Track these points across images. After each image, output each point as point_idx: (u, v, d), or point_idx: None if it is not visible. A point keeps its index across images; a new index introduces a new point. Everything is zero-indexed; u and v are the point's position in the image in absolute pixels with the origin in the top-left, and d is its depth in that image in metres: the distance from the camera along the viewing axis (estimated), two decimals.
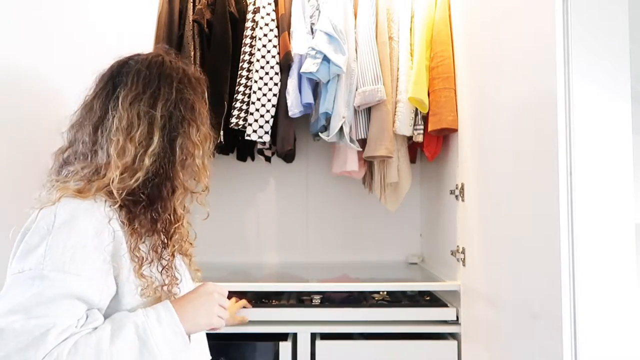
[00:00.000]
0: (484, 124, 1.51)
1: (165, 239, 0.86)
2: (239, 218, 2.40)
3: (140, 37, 1.69)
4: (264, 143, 2.03)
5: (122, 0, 1.55)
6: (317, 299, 1.74)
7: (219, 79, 1.87)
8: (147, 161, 0.82)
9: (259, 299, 1.72)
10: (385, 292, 1.83)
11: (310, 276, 2.11)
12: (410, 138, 1.93)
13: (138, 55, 0.90)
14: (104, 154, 0.82)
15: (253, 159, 2.27)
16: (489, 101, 1.47)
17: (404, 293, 1.85)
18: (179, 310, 0.82)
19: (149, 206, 0.83)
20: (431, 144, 1.89)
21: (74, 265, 0.73)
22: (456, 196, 1.74)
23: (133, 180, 0.81)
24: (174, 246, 0.90)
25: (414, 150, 2.17)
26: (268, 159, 2.21)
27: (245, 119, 1.90)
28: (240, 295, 1.65)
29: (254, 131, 1.88)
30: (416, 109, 1.87)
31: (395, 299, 1.79)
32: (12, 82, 1.06)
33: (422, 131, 1.88)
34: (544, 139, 1.11)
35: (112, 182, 0.79)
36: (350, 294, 1.78)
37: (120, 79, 0.86)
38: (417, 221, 2.39)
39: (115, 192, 0.79)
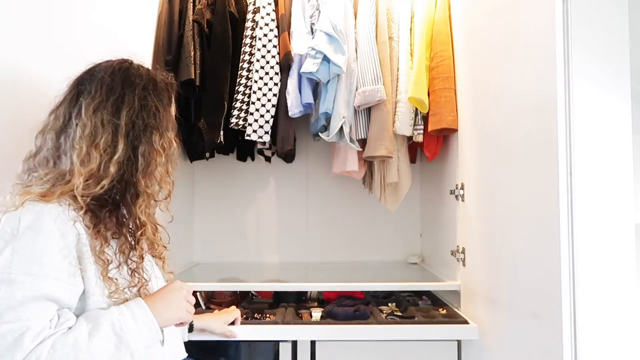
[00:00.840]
0: (484, 124, 1.51)
1: (133, 242, 0.88)
2: (239, 218, 2.40)
3: (140, 37, 1.69)
4: (264, 143, 2.03)
5: (122, 1, 1.55)
6: (317, 313, 1.59)
7: (219, 79, 1.87)
8: (113, 169, 0.83)
9: (252, 314, 1.60)
10: (394, 304, 1.73)
11: (310, 276, 2.11)
12: (410, 138, 1.93)
13: (106, 62, 0.92)
14: (67, 160, 0.84)
15: (253, 159, 2.27)
16: (489, 101, 1.47)
17: (413, 303, 1.74)
18: (151, 306, 0.85)
19: (113, 210, 0.85)
20: (431, 144, 1.89)
21: (41, 267, 0.74)
22: (456, 196, 1.74)
23: (98, 187, 0.82)
24: (141, 249, 0.90)
25: (414, 150, 2.17)
26: (268, 159, 2.21)
27: (245, 119, 1.90)
28: (240, 295, 1.65)
29: (254, 131, 1.88)
30: (416, 109, 1.87)
31: (404, 310, 1.67)
32: (12, 82, 1.06)
33: (422, 131, 1.88)
34: (544, 139, 1.11)
35: (77, 188, 0.80)
36: (355, 307, 1.58)
37: (84, 87, 0.87)
38: (417, 221, 2.39)
39: (79, 198, 0.80)
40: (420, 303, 1.78)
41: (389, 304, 1.75)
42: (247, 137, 1.89)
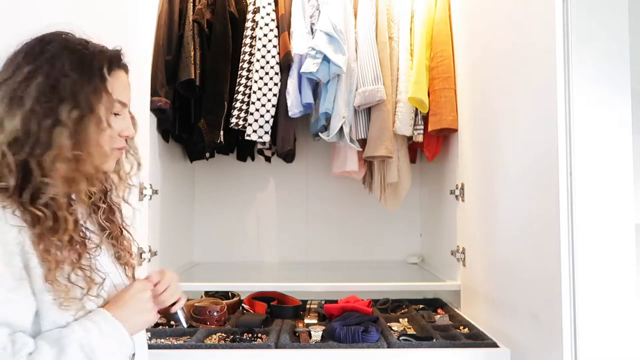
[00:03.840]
0: (484, 124, 1.51)
1: (67, 239, 0.74)
2: (239, 218, 2.40)
3: (140, 37, 1.69)
4: (264, 143, 2.03)
5: (122, 1, 1.55)
6: (317, 332, 1.39)
7: (219, 79, 1.86)
8: (5, 148, 0.71)
9: (241, 334, 1.37)
10: (406, 320, 1.55)
11: (310, 276, 2.11)
12: (410, 138, 1.93)
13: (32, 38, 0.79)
14: None
15: (253, 159, 2.27)
16: (489, 101, 1.47)
17: (429, 319, 1.55)
18: (118, 316, 0.76)
19: (35, 200, 0.72)
20: (431, 144, 1.89)
21: None
22: (456, 196, 1.74)
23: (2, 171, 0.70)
24: (81, 241, 0.77)
25: (414, 150, 2.17)
26: (268, 159, 2.21)
27: (245, 119, 1.90)
28: (230, 308, 1.56)
29: (254, 131, 1.88)
30: (416, 109, 1.87)
31: (420, 328, 1.46)
32: None
33: (422, 131, 1.88)
34: (544, 139, 1.11)
35: None
36: (362, 325, 1.36)
37: (5, 63, 0.76)
38: (417, 221, 2.39)
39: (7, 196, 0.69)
40: (436, 319, 1.56)
41: (400, 320, 1.55)
42: (247, 137, 1.89)
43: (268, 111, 1.89)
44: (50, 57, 0.75)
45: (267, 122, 1.89)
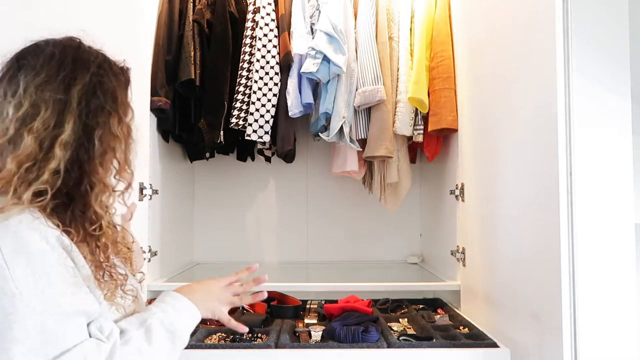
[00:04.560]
0: (484, 124, 1.51)
1: (97, 241, 0.78)
2: (239, 218, 2.40)
3: (140, 37, 1.69)
4: (264, 143, 2.03)
5: (122, 1, 1.55)
6: (317, 332, 1.39)
7: (219, 79, 1.86)
8: (59, 151, 0.71)
9: (240, 334, 1.35)
10: (405, 320, 1.55)
11: (310, 276, 2.11)
12: (410, 138, 1.93)
13: (50, 38, 0.80)
14: None
15: (253, 159, 2.27)
16: (489, 101, 1.47)
17: (428, 319, 1.55)
18: (188, 296, 0.86)
19: (76, 207, 0.75)
20: (431, 144, 1.89)
21: (53, 288, 0.66)
22: (456, 196, 1.74)
23: (43, 175, 0.70)
24: (106, 247, 0.80)
25: (414, 150, 2.17)
26: (268, 159, 2.21)
27: (245, 119, 1.90)
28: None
29: (254, 131, 1.88)
30: (416, 109, 1.87)
31: (419, 328, 1.47)
32: None
33: (422, 131, 1.88)
34: (544, 139, 1.11)
35: (23, 180, 0.69)
36: (362, 325, 1.36)
37: (27, 62, 0.75)
38: (417, 221, 2.39)
39: (28, 195, 0.69)
40: (436, 319, 1.56)
41: (400, 320, 1.55)
42: (247, 137, 1.89)
43: (268, 111, 1.89)
44: (96, 65, 0.79)
45: (267, 122, 1.89)
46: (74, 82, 0.75)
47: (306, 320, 1.56)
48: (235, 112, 1.89)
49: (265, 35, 1.89)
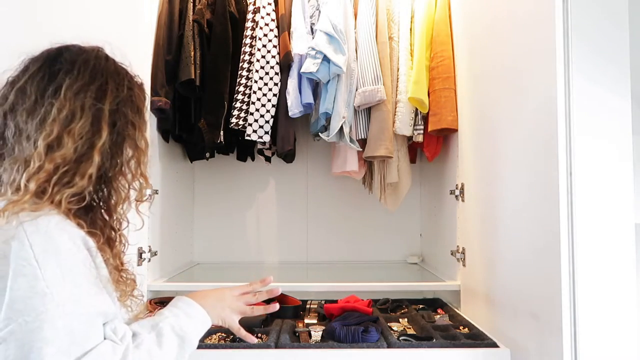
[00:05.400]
0: (484, 124, 1.51)
1: (115, 247, 0.83)
2: (239, 218, 2.40)
3: (140, 37, 1.69)
4: (264, 143, 2.03)
5: (121, 0, 1.55)
6: (317, 332, 1.40)
7: (219, 79, 1.86)
8: (97, 157, 0.74)
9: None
10: (405, 320, 1.55)
11: (310, 276, 2.11)
12: (410, 138, 1.93)
13: (78, 44, 0.82)
14: (30, 146, 0.71)
15: (253, 159, 2.27)
16: (489, 101, 1.47)
17: (428, 319, 1.55)
18: (201, 302, 0.88)
19: (99, 211, 0.80)
20: (431, 144, 1.89)
21: (80, 288, 0.68)
22: (456, 196, 1.74)
23: (80, 179, 0.72)
24: (120, 252, 0.85)
25: (414, 150, 2.17)
26: (268, 159, 2.21)
27: (245, 119, 1.90)
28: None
29: (254, 131, 1.88)
30: (416, 109, 1.87)
31: (419, 328, 1.47)
32: None
33: (422, 131, 1.88)
34: (544, 139, 1.11)
35: (51, 178, 0.70)
36: (362, 325, 1.37)
37: (62, 65, 0.76)
38: (417, 221, 2.39)
39: (62, 201, 0.71)
40: (436, 319, 1.57)
41: (400, 320, 1.55)
42: (247, 137, 1.89)
43: (268, 111, 1.89)
44: (125, 77, 0.82)
45: (267, 122, 1.89)
46: (108, 92, 0.77)
47: (306, 320, 1.56)
48: (235, 112, 1.89)
49: (265, 35, 1.89)
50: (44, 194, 0.70)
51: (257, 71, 1.88)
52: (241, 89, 1.90)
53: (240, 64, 1.90)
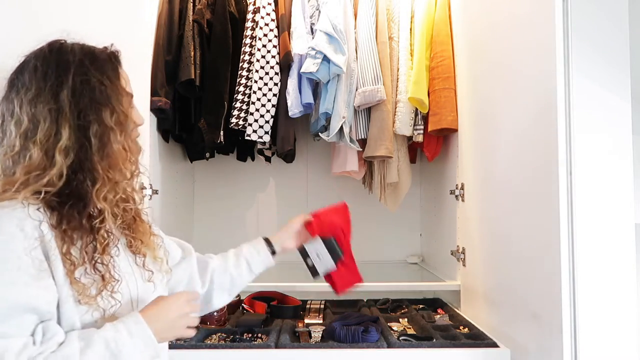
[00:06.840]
0: (484, 124, 1.51)
1: (94, 237, 0.78)
2: (239, 218, 2.40)
3: (140, 37, 1.69)
4: (264, 143, 2.03)
5: (121, 1, 1.55)
6: (317, 332, 1.39)
7: (219, 79, 1.86)
8: (59, 157, 0.75)
9: (241, 334, 1.38)
10: (405, 320, 1.55)
11: (310, 276, 2.10)
12: (410, 138, 1.93)
13: (34, 50, 0.82)
14: (8, 162, 0.76)
15: (253, 159, 2.27)
16: (489, 101, 1.47)
17: (428, 319, 1.54)
18: (150, 320, 0.78)
19: (74, 205, 0.77)
20: (431, 144, 1.89)
21: (7, 274, 0.68)
22: (456, 196, 1.74)
23: (47, 179, 0.74)
24: (103, 241, 0.80)
25: (414, 150, 2.17)
26: (268, 159, 2.21)
27: (245, 119, 1.90)
28: (229, 309, 1.55)
29: (254, 131, 1.88)
30: (416, 109, 1.87)
31: (419, 328, 1.46)
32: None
33: (422, 131, 1.88)
34: (544, 139, 1.11)
35: (24, 183, 0.73)
36: (362, 325, 1.36)
37: (17, 80, 0.79)
38: (417, 221, 2.39)
39: (26, 193, 0.73)
40: (436, 319, 1.56)
41: (400, 320, 1.55)
42: (247, 137, 1.89)
43: (268, 111, 1.89)
44: (76, 65, 0.80)
45: (267, 122, 1.89)
46: (60, 89, 0.77)
47: (306, 320, 1.56)
48: (235, 112, 1.89)
49: (265, 35, 1.89)
50: (15, 191, 0.73)
51: (257, 71, 1.88)
52: (241, 89, 1.90)
53: (240, 64, 1.90)
